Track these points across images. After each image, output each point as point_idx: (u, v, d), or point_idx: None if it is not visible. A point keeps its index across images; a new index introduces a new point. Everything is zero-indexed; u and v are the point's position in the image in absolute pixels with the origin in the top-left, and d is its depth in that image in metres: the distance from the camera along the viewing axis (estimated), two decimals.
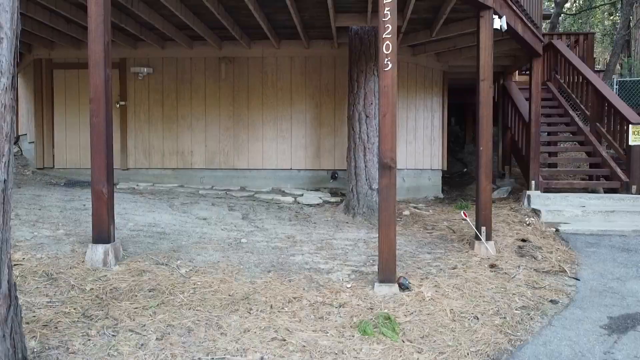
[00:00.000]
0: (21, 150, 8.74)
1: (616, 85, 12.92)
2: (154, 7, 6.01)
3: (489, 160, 5.47)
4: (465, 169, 11.25)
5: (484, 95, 5.43)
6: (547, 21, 15.80)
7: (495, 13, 5.52)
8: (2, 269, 2.54)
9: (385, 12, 4.21)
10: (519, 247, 5.60)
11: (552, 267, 5.02)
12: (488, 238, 5.38)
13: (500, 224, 6.47)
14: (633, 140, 7.85)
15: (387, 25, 4.22)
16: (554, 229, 6.55)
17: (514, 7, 6.10)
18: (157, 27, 6.44)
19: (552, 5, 15.85)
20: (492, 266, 4.91)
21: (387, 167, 4.24)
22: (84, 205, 6.02)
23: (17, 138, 9.03)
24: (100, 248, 4.32)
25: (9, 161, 2.52)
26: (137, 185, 7.52)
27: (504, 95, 9.91)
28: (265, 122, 7.88)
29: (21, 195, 6.23)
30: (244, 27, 6.95)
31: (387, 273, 4.15)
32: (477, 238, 5.38)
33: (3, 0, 2.41)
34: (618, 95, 13.42)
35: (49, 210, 5.75)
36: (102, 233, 4.37)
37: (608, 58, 25.26)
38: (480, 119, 5.45)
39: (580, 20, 18.11)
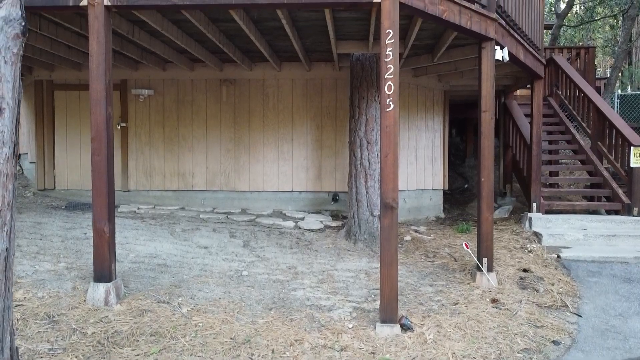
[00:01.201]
0: (22, 169, 8.74)
1: (617, 99, 12.92)
2: (154, 35, 6.01)
3: (491, 191, 5.46)
4: (466, 185, 11.24)
5: (485, 127, 5.42)
6: (549, 31, 15.79)
7: (497, 44, 5.51)
8: (4, 336, 2.53)
9: (387, 52, 4.21)
10: (521, 278, 5.59)
11: (554, 301, 5.01)
12: (489, 269, 5.37)
13: (501, 251, 6.47)
14: (634, 162, 7.84)
15: (390, 65, 4.21)
16: (556, 255, 6.53)
17: (516, 35, 6.09)
18: (158, 53, 6.44)
19: (553, 16, 15.84)
20: (493, 301, 4.90)
21: (389, 207, 4.23)
22: (85, 233, 6.02)
23: (19, 157, 9.02)
24: (102, 287, 4.32)
25: (10, 229, 2.51)
26: (139, 209, 7.51)
27: (505, 113, 9.90)
28: (266, 143, 7.87)
29: (22, 222, 6.23)
30: (245, 51, 6.95)
31: (389, 313, 4.14)
32: (479, 269, 5.36)
33: (5, 70, 2.41)
34: (619, 109, 13.46)
35: (50, 240, 5.75)
36: (104, 271, 4.37)
37: (609, 69, 25.30)
38: (482, 150, 5.44)
39: (581, 33, 18.11)
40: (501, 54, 5.59)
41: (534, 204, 7.91)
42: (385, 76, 4.21)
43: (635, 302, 5.06)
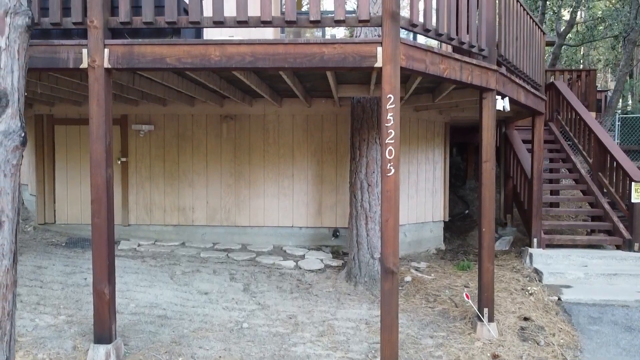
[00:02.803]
0: (23, 201, 8.73)
1: (618, 121, 12.92)
2: (154, 81, 6.00)
3: (492, 241, 5.44)
4: (467, 211, 11.22)
5: (486, 177, 5.40)
6: (549, 49, 15.79)
7: (499, 93, 5.51)
8: None
9: (388, 117, 4.20)
10: (522, 327, 5.57)
11: (555, 356, 4.99)
12: (490, 319, 5.35)
13: (502, 293, 6.45)
14: (635, 197, 7.83)
15: (390, 131, 4.21)
16: (557, 297, 6.52)
17: (517, 80, 6.08)
18: (159, 95, 6.43)
19: (554, 34, 15.85)
20: (494, 357, 4.88)
21: (389, 272, 4.22)
22: (85, 279, 6.02)
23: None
24: (102, 349, 4.30)
25: (10, 338, 2.51)
26: (139, 245, 7.50)
27: (506, 142, 9.89)
28: (266, 178, 7.87)
29: (23, 266, 6.23)
30: (245, 91, 6.95)
31: None
32: (480, 319, 5.35)
33: (4, 184, 2.40)
34: (620, 131, 13.47)
35: (51, 287, 5.74)
36: (104, 333, 4.35)
37: (610, 78, 25.32)
38: (483, 200, 5.42)
39: (582, 50, 18.11)
40: (502, 103, 5.59)
41: (535, 240, 7.90)
42: (387, 141, 4.21)
43: (636, 357, 5.05)
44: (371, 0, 6.26)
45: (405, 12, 7.06)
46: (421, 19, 4.53)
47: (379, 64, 4.17)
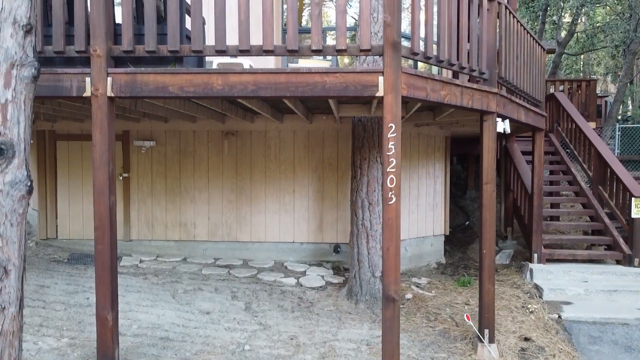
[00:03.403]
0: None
1: (618, 131, 12.95)
2: (156, 104, 6.03)
3: (492, 262, 5.47)
4: (467, 222, 11.25)
5: (486, 199, 5.43)
6: (550, 57, 15.81)
7: (499, 115, 5.54)
8: None
9: (389, 146, 4.23)
10: (522, 349, 5.59)
11: None
12: (491, 340, 5.38)
13: (502, 312, 6.47)
14: (636, 213, 7.86)
15: (392, 159, 4.24)
16: (557, 316, 6.55)
17: (517, 100, 6.11)
18: (161, 115, 6.47)
19: (555, 42, 15.88)
20: None
21: (390, 300, 4.25)
22: (88, 298, 6.05)
23: None
24: None
25: None
26: (140, 262, 7.53)
27: (506, 155, 9.92)
28: (268, 194, 7.90)
29: (26, 285, 6.23)
30: (247, 110, 6.98)
31: None
32: (480, 340, 5.38)
33: (11, 233, 2.43)
34: (620, 141, 13.50)
35: (53, 307, 5.77)
36: (107, 359, 4.38)
37: (609, 83, 25.34)
38: (484, 222, 5.45)
39: (582, 59, 18.15)
40: (502, 126, 5.62)
41: (535, 255, 7.93)
42: (388, 169, 4.24)
43: None
44: (372, 19, 6.30)
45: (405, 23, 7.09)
46: (422, 48, 4.56)
47: (380, 93, 4.20)
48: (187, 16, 4.70)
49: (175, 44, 4.31)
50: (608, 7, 13.03)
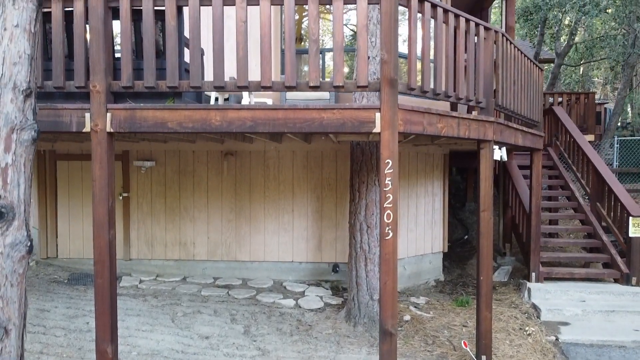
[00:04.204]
0: None
1: (617, 144, 12.99)
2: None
3: (489, 289, 5.51)
4: (466, 236, 11.27)
5: (484, 226, 5.47)
6: (548, 67, 15.89)
7: (496, 142, 5.58)
8: None
9: (386, 181, 4.27)
10: None
11: None
12: None
13: (500, 334, 6.50)
14: (633, 232, 7.89)
15: (389, 195, 4.27)
16: (554, 338, 6.58)
17: (514, 126, 6.15)
18: (160, 139, 6.51)
19: (553, 53, 15.91)
20: None
21: (388, 334, 4.29)
22: (87, 323, 6.08)
23: None
24: None
25: None
26: (140, 282, 7.56)
27: (505, 172, 9.96)
28: (267, 214, 7.93)
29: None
30: (245, 135, 7.01)
31: None
32: None
33: (11, 294, 2.46)
34: (619, 153, 13.53)
35: (54, 333, 5.81)
36: None
37: (609, 87, 25.36)
38: (481, 249, 5.49)
39: (581, 69, 18.19)
40: (499, 153, 5.66)
41: (533, 274, 7.97)
42: (385, 205, 4.28)
43: None
44: (370, 44, 6.34)
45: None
46: (419, 82, 4.60)
47: (377, 129, 4.24)
48: (185, 49, 4.74)
49: (174, 80, 4.35)
50: (606, 21, 13.08)
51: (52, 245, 8.14)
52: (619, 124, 19.02)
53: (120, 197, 7.96)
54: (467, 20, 5.05)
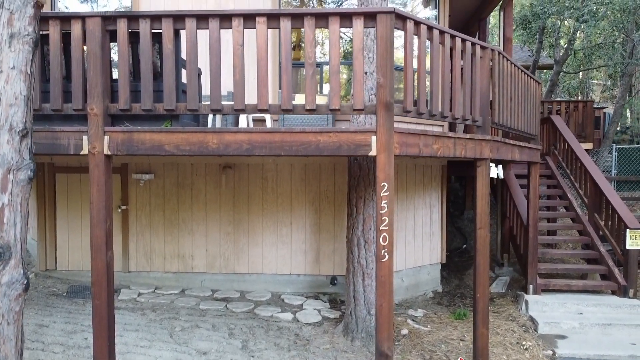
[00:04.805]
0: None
1: (615, 152, 13.02)
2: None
3: (486, 306, 5.54)
4: (465, 245, 11.30)
5: (480, 244, 5.50)
6: (546, 74, 15.90)
7: (493, 160, 5.60)
8: None
9: (382, 204, 4.30)
10: None
11: None
12: None
13: (497, 348, 6.52)
14: (630, 244, 7.91)
15: (385, 217, 4.30)
16: (551, 352, 6.60)
17: (511, 142, 6.18)
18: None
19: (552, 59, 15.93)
20: None
21: (384, 356, 4.31)
22: (86, 339, 6.10)
23: None
24: None
25: None
26: (139, 295, 7.58)
27: (502, 182, 9.98)
28: (265, 227, 7.96)
29: (25, 326, 6.29)
30: None
31: None
32: None
33: (8, 332, 2.49)
34: (617, 161, 13.55)
35: (52, 350, 5.82)
36: None
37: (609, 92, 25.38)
38: (478, 267, 5.51)
39: (579, 78, 18.22)
40: (496, 171, 5.69)
41: (531, 286, 7.99)
42: (381, 227, 4.31)
43: None
44: (367, 59, 6.36)
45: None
46: (414, 104, 4.63)
47: (373, 152, 4.27)
48: (183, 70, 4.76)
49: (171, 103, 4.38)
50: (604, 29, 13.09)
51: (51, 257, 8.17)
52: (617, 129, 19.05)
53: (119, 210, 7.98)
54: (464, 41, 5.07)
